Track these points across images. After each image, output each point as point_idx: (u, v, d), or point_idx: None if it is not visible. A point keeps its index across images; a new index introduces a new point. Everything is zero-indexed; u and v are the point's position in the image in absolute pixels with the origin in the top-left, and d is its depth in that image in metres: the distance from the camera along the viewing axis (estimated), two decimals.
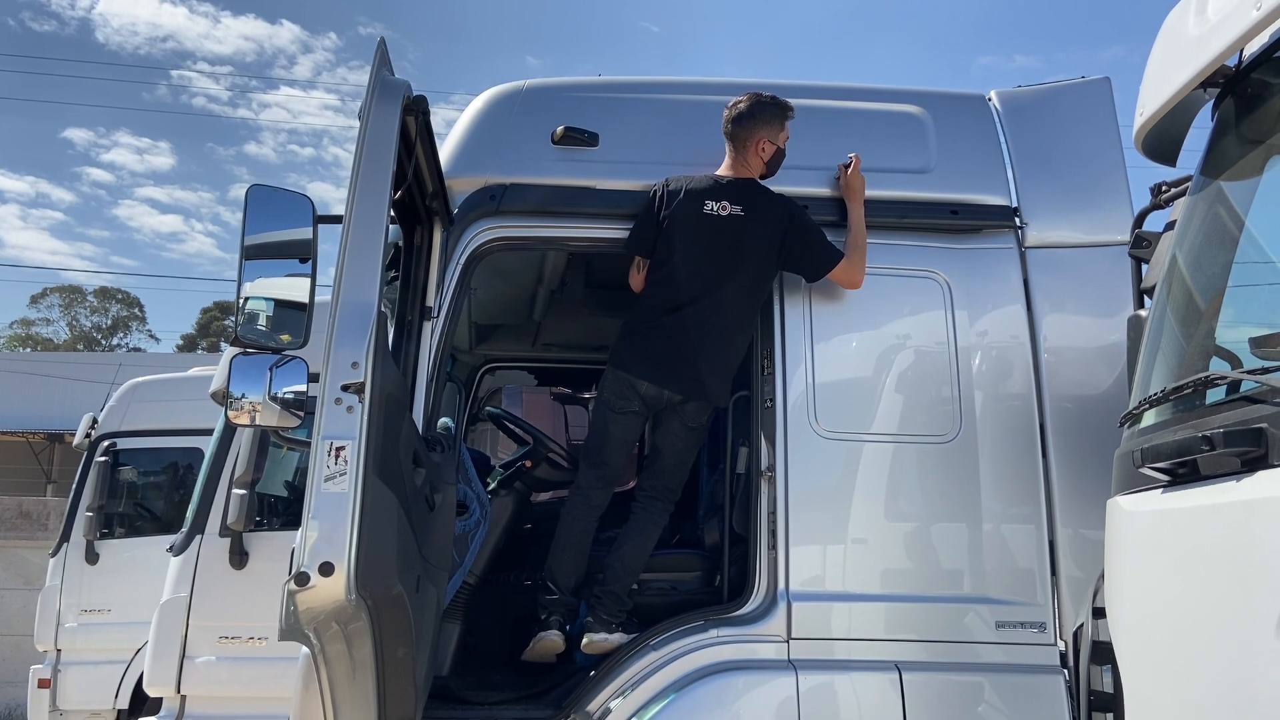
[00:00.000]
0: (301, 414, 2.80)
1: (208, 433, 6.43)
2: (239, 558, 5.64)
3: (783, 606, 3.30)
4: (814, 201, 3.60)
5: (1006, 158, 3.68)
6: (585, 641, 3.54)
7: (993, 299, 3.58)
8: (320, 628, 2.64)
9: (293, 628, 2.57)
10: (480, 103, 3.70)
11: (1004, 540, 3.41)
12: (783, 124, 3.58)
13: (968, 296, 3.56)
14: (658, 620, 3.45)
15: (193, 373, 8.68)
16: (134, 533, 8.49)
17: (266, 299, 2.86)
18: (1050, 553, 3.40)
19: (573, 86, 3.78)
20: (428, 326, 3.42)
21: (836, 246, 3.51)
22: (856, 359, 3.54)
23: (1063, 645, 3.33)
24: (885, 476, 3.44)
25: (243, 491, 5.46)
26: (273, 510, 6.03)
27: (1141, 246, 2.90)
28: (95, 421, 8.48)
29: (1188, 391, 2.15)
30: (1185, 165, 2.68)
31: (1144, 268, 2.89)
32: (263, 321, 2.85)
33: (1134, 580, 2.26)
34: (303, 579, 2.48)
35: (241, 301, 2.83)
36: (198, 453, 7.20)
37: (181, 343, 47.07)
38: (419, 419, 3.31)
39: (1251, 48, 2.24)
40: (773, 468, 3.40)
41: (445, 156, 3.54)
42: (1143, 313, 2.75)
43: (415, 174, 3.17)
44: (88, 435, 8.45)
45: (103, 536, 8.10)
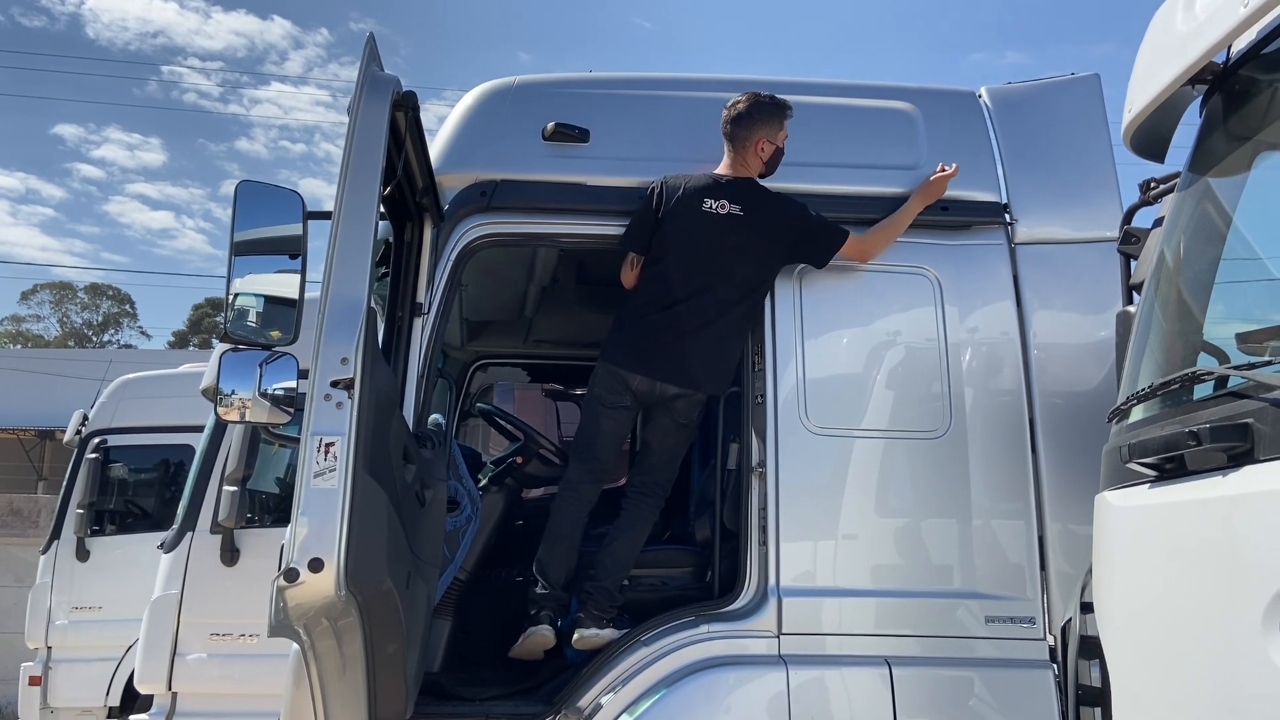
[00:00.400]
0: (291, 410, 2.80)
1: (199, 429, 6.43)
2: (230, 554, 5.64)
3: (773, 602, 3.31)
4: (802, 198, 3.59)
5: (997, 154, 3.69)
6: (576, 637, 3.54)
7: (982, 295, 3.59)
8: (310, 624, 2.63)
9: (282, 624, 2.56)
10: (471, 99, 3.70)
11: (994, 535, 3.43)
12: (782, 123, 3.59)
13: (958, 292, 3.57)
14: (649, 616, 3.45)
15: (183, 369, 8.67)
16: (125, 530, 8.49)
17: (256, 295, 2.85)
18: (1040, 548, 3.41)
19: (563, 83, 3.78)
20: (418, 323, 3.42)
21: (839, 227, 3.52)
22: (847, 355, 3.55)
23: (1052, 640, 3.34)
24: (875, 472, 3.45)
25: (234, 488, 5.44)
26: (264, 507, 6.03)
27: (1130, 243, 2.91)
28: (86, 418, 8.47)
29: (1175, 387, 2.16)
30: (1174, 161, 2.69)
31: (1133, 264, 2.90)
32: (252, 318, 2.84)
33: (1121, 575, 2.27)
34: (292, 575, 2.48)
35: (231, 298, 2.82)
36: (189, 449, 7.20)
37: (173, 339, 46.95)
38: (410, 415, 3.31)
39: (1239, 44, 2.25)
40: (763, 463, 3.42)
41: (436, 152, 3.54)
42: (1131, 308, 2.77)
43: (405, 170, 3.16)
44: (78, 432, 8.44)
45: (94, 533, 8.10)
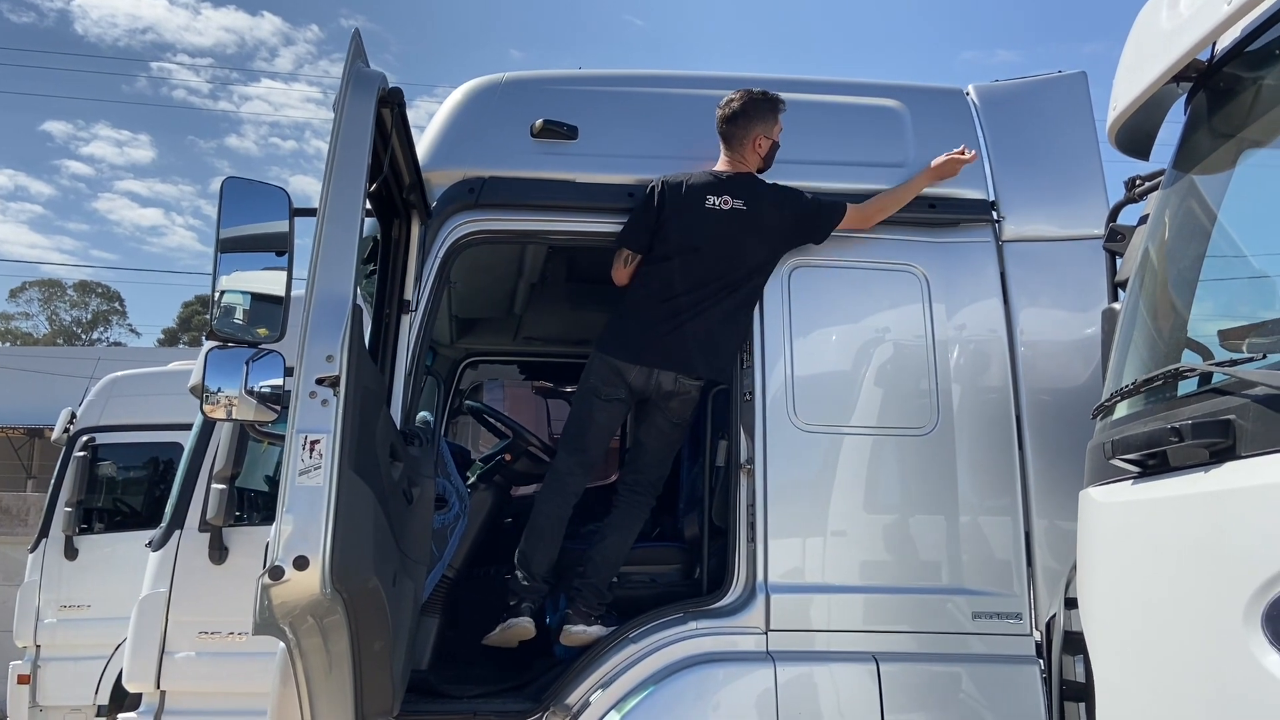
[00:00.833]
0: (278, 408, 2.79)
1: (187, 427, 6.40)
2: (218, 553, 5.62)
3: (761, 598, 3.31)
4: None
5: (984, 152, 3.70)
6: (564, 634, 3.54)
7: (970, 292, 3.60)
8: (295, 622, 2.62)
9: (267, 622, 2.56)
10: (459, 95, 3.69)
11: (980, 532, 3.44)
12: (776, 118, 3.60)
13: (945, 290, 3.58)
14: (637, 613, 3.46)
15: (172, 367, 8.64)
16: (113, 528, 8.46)
17: (243, 292, 2.84)
18: (1026, 544, 3.42)
19: (552, 80, 3.77)
20: (406, 320, 3.41)
21: (838, 202, 3.54)
22: (835, 352, 3.56)
23: (1038, 635, 3.36)
24: (863, 469, 3.45)
25: (222, 486, 5.44)
26: (252, 505, 6.01)
27: (1116, 240, 2.91)
28: (74, 416, 8.44)
29: (1158, 384, 2.17)
30: (1159, 159, 2.70)
31: (1118, 261, 2.91)
32: (239, 315, 2.84)
33: (1105, 571, 2.28)
34: (277, 573, 2.48)
35: (217, 295, 2.81)
36: (177, 447, 7.17)
37: (163, 337, 46.85)
38: (397, 413, 3.30)
39: (1223, 42, 2.26)
40: (751, 460, 3.42)
41: (423, 149, 3.53)
42: (1116, 305, 2.77)
43: (392, 166, 3.16)
44: (66, 430, 8.41)
45: (82, 532, 8.07)
